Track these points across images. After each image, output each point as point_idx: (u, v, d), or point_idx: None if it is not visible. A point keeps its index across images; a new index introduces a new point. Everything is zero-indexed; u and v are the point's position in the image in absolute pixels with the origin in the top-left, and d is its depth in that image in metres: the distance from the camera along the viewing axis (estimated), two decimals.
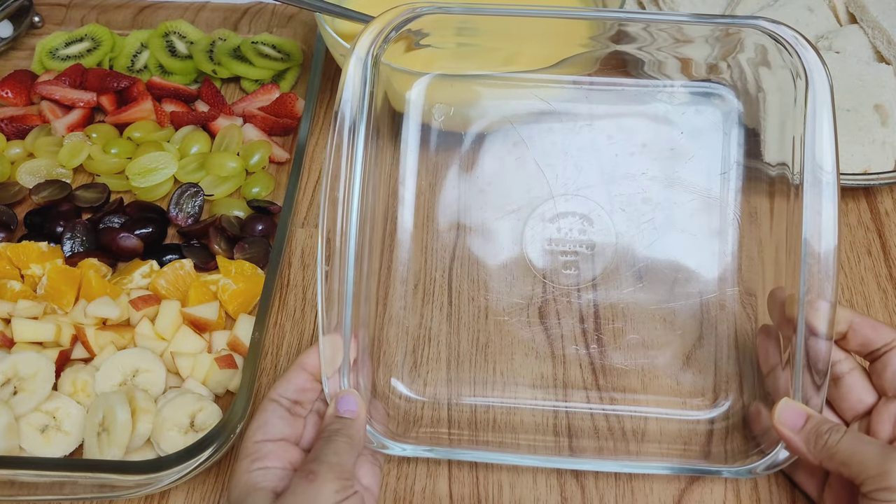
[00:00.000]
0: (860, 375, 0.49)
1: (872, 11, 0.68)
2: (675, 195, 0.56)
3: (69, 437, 0.52)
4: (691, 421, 0.54)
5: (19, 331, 0.56)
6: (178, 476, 0.49)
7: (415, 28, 0.53)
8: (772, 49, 0.51)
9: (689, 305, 0.56)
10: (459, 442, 0.53)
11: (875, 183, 0.63)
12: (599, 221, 0.57)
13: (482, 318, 0.57)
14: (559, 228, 0.57)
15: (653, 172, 0.57)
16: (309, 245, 0.65)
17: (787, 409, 0.46)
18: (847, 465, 0.43)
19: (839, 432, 0.44)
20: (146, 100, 0.72)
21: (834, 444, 0.43)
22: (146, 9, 0.82)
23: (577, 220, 0.57)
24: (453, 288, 0.58)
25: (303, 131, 0.68)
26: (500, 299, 0.57)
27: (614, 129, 0.58)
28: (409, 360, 0.56)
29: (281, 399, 0.47)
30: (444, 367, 0.56)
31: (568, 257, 0.57)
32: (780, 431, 0.45)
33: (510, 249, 0.57)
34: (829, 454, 0.44)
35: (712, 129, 0.57)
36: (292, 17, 0.81)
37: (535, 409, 0.55)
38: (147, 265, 0.61)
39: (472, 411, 0.55)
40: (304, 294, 0.62)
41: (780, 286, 0.50)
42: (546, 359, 0.56)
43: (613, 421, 0.54)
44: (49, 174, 0.68)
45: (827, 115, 0.48)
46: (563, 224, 0.57)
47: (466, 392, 0.55)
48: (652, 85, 0.58)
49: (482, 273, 0.58)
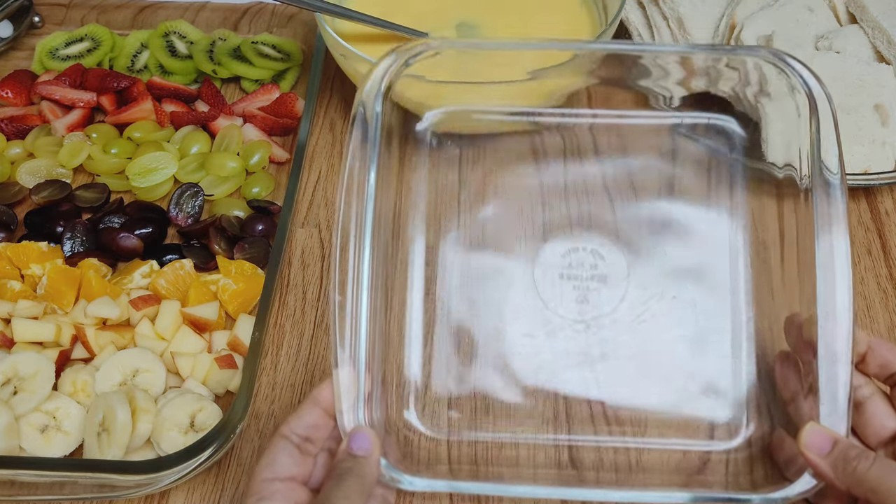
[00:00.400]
0: (881, 400, 0.48)
1: (872, 11, 0.68)
2: (682, 226, 0.56)
3: (69, 437, 0.52)
4: (712, 451, 0.53)
5: (19, 331, 0.56)
6: (178, 476, 0.49)
7: (422, 61, 0.53)
8: (773, 79, 0.52)
9: (706, 331, 0.56)
10: (470, 475, 0.51)
11: (875, 183, 0.63)
12: (610, 255, 0.56)
13: (492, 345, 0.56)
14: (570, 263, 0.56)
15: (659, 203, 0.57)
16: (309, 245, 0.65)
17: (814, 433, 0.45)
18: (876, 492, 0.42)
19: (868, 459, 0.43)
20: (146, 100, 0.72)
21: (864, 472, 0.43)
22: (146, 9, 0.82)
23: (587, 253, 0.56)
24: (464, 319, 0.57)
25: (303, 131, 0.68)
26: (510, 329, 0.57)
27: (619, 162, 0.58)
28: (422, 394, 0.54)
29: (291, 436, 0.45)
30: (461, 401, 0.54)
31: (579, 291, 0.56)
32: (806, 457, 0.44)
33: (519, 281, 0.57)
34: (858, 480, 0.43)
35: (716, 159, 0.57)
36: (292, 17, 0.81)
37: (544, 446, 0.54)
38: (147, 265, 0.61)
39: (485, 448, 0.53)
40: (304, 294, 0.62)
41: (796, 312, 0.50)
42: (554, 392, 0.55)
43: (633, 455, 0.53)
44: (49, 174, 0.68)
45: (832, 138, 0.48)
46: (574, 258, 0.56)
47: (477, 426, 0.54)
48: (655, 116, 0.58)
49: (493, 303, 0.57)
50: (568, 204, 0.58)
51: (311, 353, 0.59)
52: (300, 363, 0.58)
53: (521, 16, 0.71)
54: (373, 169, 0.49)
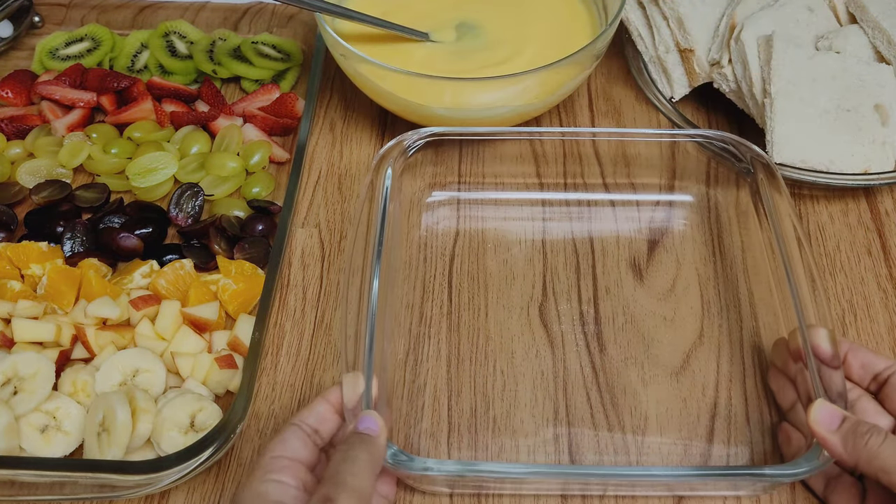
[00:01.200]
0: (870, 400, 0.49)
1: (872, 11, 0.68)
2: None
3: (69, 437, 0.52)
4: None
5: (19, 331, 0.56)
6: (178, 476, 0.49)
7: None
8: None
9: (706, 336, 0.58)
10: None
11: (875, 183, 0.63)
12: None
13: (490, 368, 0.57)
14: (578, 318, 0.59)
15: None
16: (309, 245, 0.65)
17: (823, 409, 0.45)
18: (888, 472, 0.42)
19: (880, 434, 0.43)
20: (146, 100, 0.72)
21: (875, 447, 0.42)
22: (146, 9, 0.82)
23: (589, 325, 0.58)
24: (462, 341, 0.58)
25: (303, 131, 0.68)
26: (508, 351, 0.58)
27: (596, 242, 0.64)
28: (426, 418, 0.55)
29: (302, 424, 0.46)
30: (460, 427, 0.54)
31: (579, 335, 0.58)
32: (816, 432, 0.44)
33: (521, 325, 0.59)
34: (869, 456, 0.42)
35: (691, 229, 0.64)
36: (292, 17, 0.81)
37: (544, 444, 0.54)
38: (147, 265, 0.61)
39: (485, 447, 0.53)
40: (304, 294, 0.62)
41: (783, 336, 0.53)
42: (554, 417, 0.55)
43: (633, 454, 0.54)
44: (49, 174, 0.68)
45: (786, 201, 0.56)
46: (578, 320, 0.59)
47: (467, 451, 0.53)
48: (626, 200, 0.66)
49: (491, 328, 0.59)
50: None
51: (311, 353, 0.59)
52: (300, 363, 0.58)
53: (520, 16, 0.71)
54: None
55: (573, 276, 0.61)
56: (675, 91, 0.72)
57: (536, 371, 0.56)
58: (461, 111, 0.64)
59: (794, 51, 0.65)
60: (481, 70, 0.65)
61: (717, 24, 0.70)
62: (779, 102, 0.63)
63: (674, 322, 0.59)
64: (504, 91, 0.63)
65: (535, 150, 0.69)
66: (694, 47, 0.69)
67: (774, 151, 0.63)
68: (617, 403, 0.55)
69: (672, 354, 0.57)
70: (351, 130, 0.73)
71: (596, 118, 0.73)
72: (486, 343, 0.58)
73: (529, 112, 0.66)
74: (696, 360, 0.57)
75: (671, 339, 0.58)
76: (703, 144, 0.63)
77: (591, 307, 0.59)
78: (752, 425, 0.54)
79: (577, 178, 0.68)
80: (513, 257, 0.62)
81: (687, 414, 0.54)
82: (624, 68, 0.76)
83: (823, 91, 0.64)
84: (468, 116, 0.64)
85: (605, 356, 0.57)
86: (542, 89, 0.63)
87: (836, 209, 0.66)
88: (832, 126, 0.64)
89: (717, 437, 0.53)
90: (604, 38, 0.64)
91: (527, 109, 0.65)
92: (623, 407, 0.54)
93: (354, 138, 0.72)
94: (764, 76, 0.65)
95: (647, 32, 0.73)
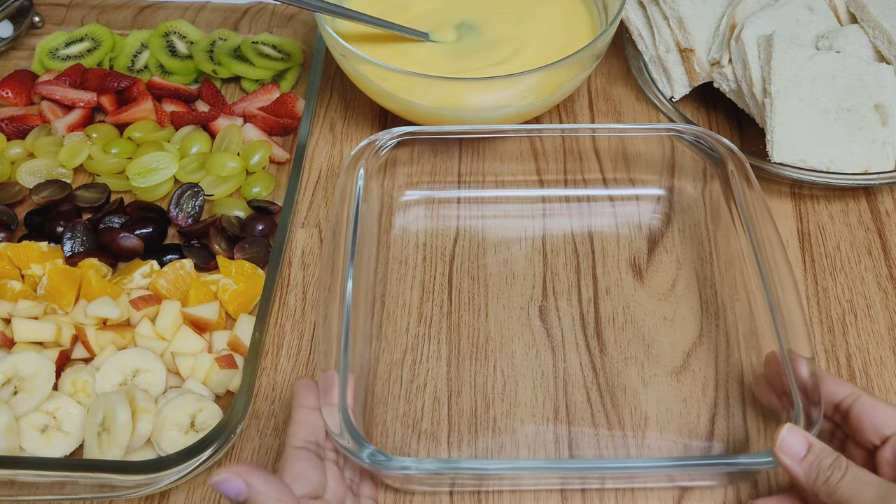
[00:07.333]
0: (869, 398, 0.48)
1: (873, 11, 0.68)
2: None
3: (69, 437, 0.52)
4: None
5: (19, 331, 0.56)
6: (179, 476, 0.49)
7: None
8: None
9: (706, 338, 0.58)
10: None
11: (875, 183, 0.63)
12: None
13: (485, 380, 0.57)
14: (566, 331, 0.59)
15: None
16: (309, 245, 0.65)
17: (790, 436, 0.45)
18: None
19: (841, 469, 0.43)
20: (146, 100, 0.72)
21: (835, 483, 0.43)
22: (146, 9, 0.82)
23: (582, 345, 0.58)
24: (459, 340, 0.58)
25: (303, 131, 0.68)
26: (508, 354, 0.58)
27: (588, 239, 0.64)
28: (426, 418, 0.55)
29: (307, 444, 0.45)
30: (460, 427, 0.54)
31: (579, 335, 0.58)
32: (781, 460, 0.45)
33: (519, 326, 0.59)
34: (829, 491, 0.43)
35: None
36: (292, 17, 0.81)
37: (543, 442, 0.54)
38: (147, 265, 0.61)
39: (478, 479, 0.52)
40: (305, 294, 0.62)
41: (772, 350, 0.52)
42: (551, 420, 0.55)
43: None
44: (49, 174, 0.68)
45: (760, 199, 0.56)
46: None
47: (467, 450, 0.53)
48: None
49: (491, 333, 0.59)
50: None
51: (311, 353, 0.59)
52: (300, 363, 0.58)
53: (520, 16, 0.71)
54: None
55: (573, 276, 0.61)
56: (676, 91, 0.72)
57: (536, 371, 0.56)
58: (461, 111, 0.64)
59: (795, 50, 0.65)
60: (481, 70, 0.65)
61: (717, 23, 0.70)
62: (779, 102, 0.63)
63: (674, 322, 0.59)
64: (504, 91, 0.63)
65: (535, 147, 0.69)
66: (694, 47, 0.69)
67: (774, 151, 0.63)
68: (617, 403, 0.55)
69: (672, 354, 0.57)
70: (351, 130, 0.73)
71: (596, 118, 0.73)
72: (487, 343, 0.58)
73: (530, 112, 0.66)
74: (696, 359, 0.57)
75: (671, 338, 0.58)
76: (679, 139, 0.63)
77: (591, 307, 0.60)
78: (751, 425, 0.54)
79: (576, 174, 0.68)
80: (513, 256, 0.63)
81: (687, 413, 0.54)
82: (624, 68, 0.76)
83: (824, 91, 0.64)
84: (468, 116, 0.64)
85: (605, 356, 0.57)
86: (542, 89, 0.63)
87: (836, 209, 0.66)
88: (832, 126, 0.64)
89: (717, 436, 0.53)
90: (604, 38, 0.64)
91: (527, 109, 0.65)
92: (623, 406, 0.55)
93: (354, 138, 0.72)
94: (764, 76, 0.65)
95: (647, 32, 0.73)
